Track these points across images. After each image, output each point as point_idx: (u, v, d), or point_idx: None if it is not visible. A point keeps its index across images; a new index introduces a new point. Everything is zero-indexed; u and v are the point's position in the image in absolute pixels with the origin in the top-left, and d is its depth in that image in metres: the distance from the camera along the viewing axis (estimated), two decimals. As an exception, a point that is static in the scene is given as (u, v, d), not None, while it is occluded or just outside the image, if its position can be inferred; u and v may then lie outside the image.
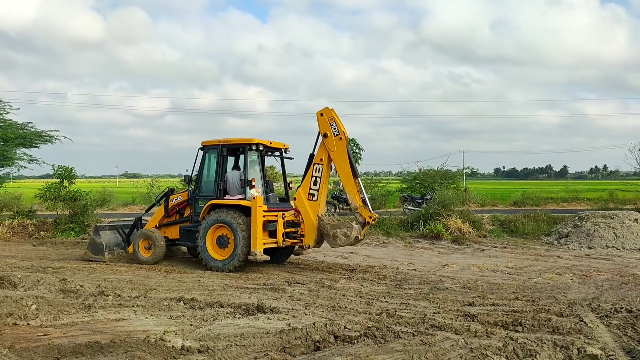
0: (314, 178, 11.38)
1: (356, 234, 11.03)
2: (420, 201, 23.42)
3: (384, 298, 8.95)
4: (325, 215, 11.56)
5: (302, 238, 11.44)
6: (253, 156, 12.02)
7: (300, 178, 11.97)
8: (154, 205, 13.60)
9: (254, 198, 11.01)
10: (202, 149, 12.22)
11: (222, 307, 7.82)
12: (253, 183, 11.52)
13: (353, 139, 39.67)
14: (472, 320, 7.26)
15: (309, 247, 11.38)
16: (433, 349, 5.88)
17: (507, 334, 6.55)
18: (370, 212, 11.13)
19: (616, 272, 11.75)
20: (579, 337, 6.49)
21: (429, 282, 10.75)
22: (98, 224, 13.42)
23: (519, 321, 7.15)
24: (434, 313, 7.73)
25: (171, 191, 12.92)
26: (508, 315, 7.64)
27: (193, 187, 12.22)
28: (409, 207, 23.44)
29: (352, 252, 15.43)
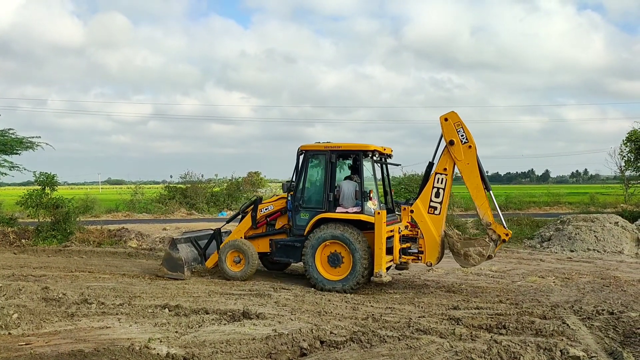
0: (435, 189, 10.12)
1: (490, 253, 9.94)
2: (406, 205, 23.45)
3: (370, 302, 8.98)
4: (452, 230, 10.52)
5: (420, 255, 10.15)
6: (367, 164, 10.74)
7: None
8: (237, 215, 12.26)
9: (378, 213, 9.87)
10: (302, 153, 10.87)
11: (207, 313, 7.78)
12: (371, 195, 10.53)
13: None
14: (457, 324, 7.32)
15: (430, 265, 10.16)
16: (418, 352, 5.92)
17: (491, 336, 6.61)
18: (505, 227, 10.01)
19: (597, 274, 11.92)
20: (562, 339, 6.58)
21: (414, 286, 10.81)
22: (175, 237, 11.92)
23: (503, 324, 7.23)
24: (419, 317, 7.77)
25: (259, 200, 11.63)
26: (492, 318, 7.71)
27: (291, 197, 10.86)
28: (395, 213, 23.48)
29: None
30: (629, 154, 23.61)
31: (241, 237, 11.34)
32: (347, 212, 10.25)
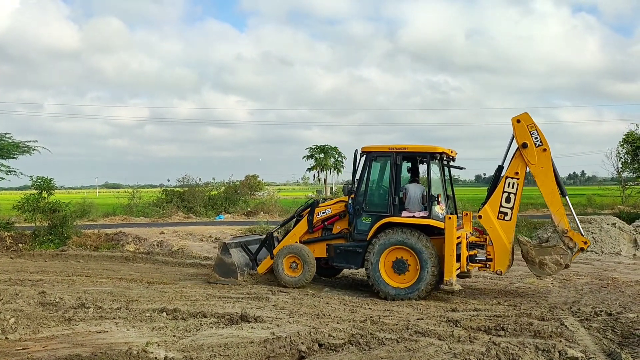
0: (505, 194, 9.72)
1: (567, 262, 9.60)
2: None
3: (368, 305, 8.97)
4: (526, 238, 10.16)
5: (488, 262, 9.82)
6: (434, 167, 10.37)
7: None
8: (292, 218, 11.74)
9: (449, 218, 9.55)
10: (363, 155, 10.44)
11: (205, 317, 7.75)
12: (439, 199, 10.13)
13: (335, 147, 39.90)
14: (455, 326, 7.31)
15: (500, 273, 9.76)
16: (417, 355, 5.90)
17: (489, 338, 6.60)
18: (583, 235, 9.68)
19: (595, 275, 11.93)
20: (560, 341, 6.58)
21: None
22: (226, 241, 11.52)
23: (502, 326, 7.22)
24: (417, 319, 7.76)
25: (316, 203, 11.12)
26: (490, 320, 7.71)
27: (352, 200, 10.36)
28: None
29: (335, 260, 15.43)
30: (625, 156, 23.70)
31: (296, 242, 10.86)
32: (413, 217, 9.85)
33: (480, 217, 9.85)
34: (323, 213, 10.81)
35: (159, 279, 11.70)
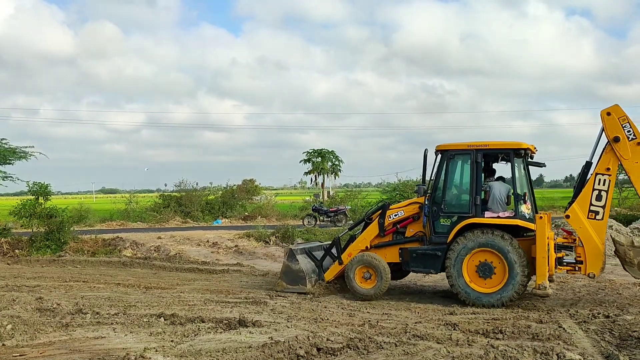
0: (596, 192, 9.12)
1: None
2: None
3: (366, 309, 8.97)
4: (623, 236, 9.47)
5: (578, 265, 9.25)
6: (518, 164, 9.80)
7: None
8: (361, 222, 11.17)
9: (540, 217, 9.03)
10: (439, 154, 9.96)
11: (203, 322, 7.73)
12: (525, 198, 9.64)
13: (332, 151, 39.91)
14: (454, 329, 7.31)
15: (593, 276, 9.17)
16: (415, 358, 5.90)
17: (488, 341, 6.60)
18: None
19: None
20: (559, 343, 6.58)
21: (410, 291, 10.79)
22: (292, 247, 11.01)
23: (500, 329, 7.22)
24: (415, 322, 7.76)
25: (387, 206, 10.56)
26: (489, 323, 7.72)
27: (428, 201, 9.86)
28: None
29: (333, 264, 15.43)
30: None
31: (366, 246, 10.35)
32: (498, 217, 9.33)
33: (568, 216, 9.24)
34: (395, 215, 10.26)
35: (157, 284, 11.67)
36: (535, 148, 10.05)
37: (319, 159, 38.96)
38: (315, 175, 39.81)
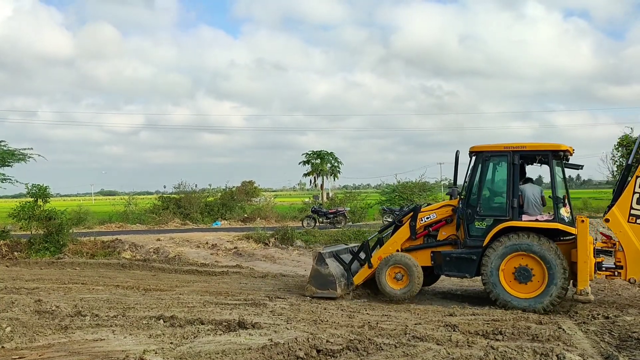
0: (637, 195, 8.80)
1: None
2: (399, 213, 23.54)
3: (366, 310, 8.96)
4: None
5: (618, 270, 8.96)
6: (557, 166, 9.53)
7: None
8: (391, 224, 10.90)
9: (582, 221, 8.73)
10: (474, 155, 9.74)
11: (202, 324, 7.72)
12: (565, 201, 9.45)
13: (332, 152, 39.91)
14: (453, 330, 7.31)
15: (634, 281, 8.87)
16: (415, 360, 5.89)
17: (487, 342, 6.59)
18: None
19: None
20: (558, 344, 6.58)
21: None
22: (321, 251, 10.70)
23: (499, 330, 7.22)
24: (415, 324, 7.75)
25: (419, 208, 10.35)
26: (488, 324, 7.71)
27: (462, 203, 9.70)
28: (389, 220, 23.55)
29: (332, 266, 15.43)
30: (620, 159, 23.76)
31: (397, 250, 10.13)
32: (536, 220, 9.16)
33: (607, 220, 8.97)
34: (427, 218, 10.09)
35: (156, 286, 11.66)
36: (573, 150, 9.82)
37: (318, 161, 38.97)
38: (315, 177, 39.80)
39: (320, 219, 24.84)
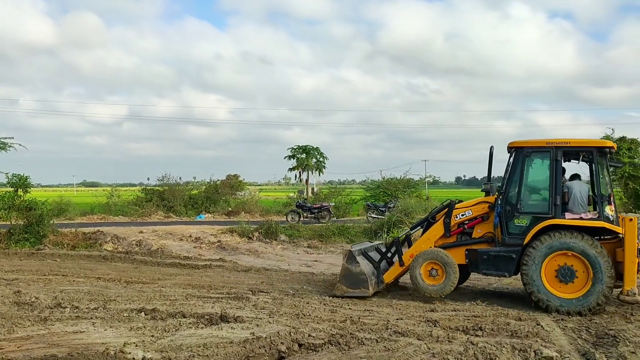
0: None
1: None
2: (383, 209, 23.68)
3: (348, 305, 8.99)
4: None
5: None
6: (601, 163, 9.24)
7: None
8: (424, 221, 10.58)
9: (630, 220, 8.52)
10: (513, 151, 9.47)
11: (184, 317, 7.69)
12: (611, 199, 9.16)
13: (317, 147, 39.87)
14: (434, 326, 7.38)
15: None
16: (396, 354, 5.94)
17: (467, 338, 6.68)
18: None
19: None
20: (537, 340, 6.68)
21: (392, 288, 10.84)
22: (352, 249, 10.19)
23: (480, 326, 7.31)
24: (397, 319, 7.81)
25: (453, 205, 9.98)
26: (469, 320, 7.80)
27: (500, 200, 9.38)
28: (373, 215, 23.66)
29: (316, 261, 15.46)
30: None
31: (430, 247, 9.86)
32: (580, 219, 8.86)
33: None
34: (462, 215, 9.80)
35: (138, 278, 11.58)
36: (616, 146, 9.51)
37: (304, 156, 38.91)
38: (300, 172, 39.74)
39: (305, 214, 24.84)
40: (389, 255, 10.39)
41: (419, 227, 10.68)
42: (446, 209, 9.95)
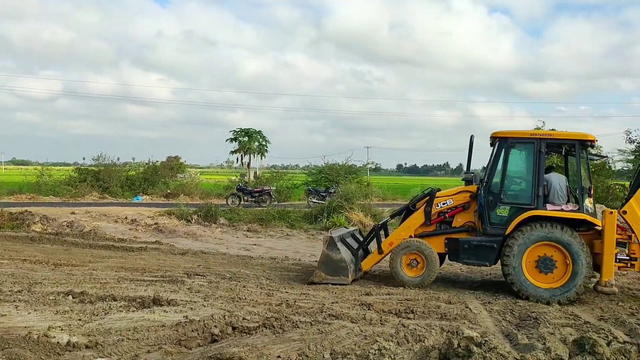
0: None
1: None
2: (324, 194, 23.85)
3: (285, 289, 9.02)
4: None
5: (632, 262, 8.85)
6: (583, 155, 9.25)
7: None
8: (405, 209, 10.44)
9: (610, 212, 8.66)
10: (497, 141, 9.46)
11: (115, 300, 7.47)
12: (591, 192, 9.26)
13: (260, 131, 39.56)
14: (368, 309, 7.53)
15: None
16: (329, 337, 6.02)
17: (399, 321, 6.86)
18: None
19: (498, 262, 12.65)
20: (464, 322, 6.97)
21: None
22: (333, 235, 9.93)
23: (411, 309, 7.53)
24: (332, 303, 7.91)
25: (434, 193, 9.90)
26: (401, 303, 8.01)
27: (483, 190, 9.34)
28: (314, 200, 23.78)
29: (255, 244, 15.40)
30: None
31: (410, 235, 9.79)
32: (562, 210, 8.95)
33: (625, 212, 8.82)
34: (443, 204, 9.76)
35: (67, 260, 11.12)
36: (596, 140, 9.70)
37: (246, 139, 38.47)
38: (242, 155, 39.31)
39: (246, 198, 24.64)
40: (366, 243, 10.39)
41: (399, 214, 10.62)
42: (427, 198, 9.91)
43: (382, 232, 10.47)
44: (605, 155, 9.47)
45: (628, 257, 8.88)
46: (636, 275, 10.37)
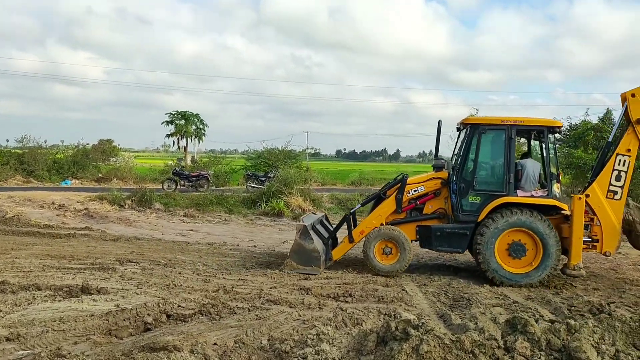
0: (616, 172, 9.06)
1: None
2: (263, 179, 23.64)
3: (222, 275, 8.85)
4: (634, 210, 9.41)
5: (593, 243, 9.07)
6: (551, 141, 9.41)
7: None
8: (375, 197, 10.31)
9: (579, 198, 8.79)
10: (467, 127, 9.45)
11: (39, 289, 7.06)
12: (559, 177, 9.38)
13: (197, 114, 38.58)
14: (307, 294, 7.51)
15: (609, 254, 9.11)
16: (267, 322, 5.95)
17: (337, 305, 6.89)
18: None
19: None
20: (401, 305, 7.09)
21: (267, 258, 10.88)
22: (306, 224, 9.59)
23: (349, 292, 7.58)
24: (270, 288, 7.83)
25: (405, 180, 9.74)
26: (340, 287, 8.05)
27: (455, 177, 9.32)
28: (252, 185, 23.52)
29: (192, 230, 15.06)
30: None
31: (381, 223, 9.66)
32: (532, 196, 9.08)
33: (587, 195, 9.08)
34: (415, 191, 9.67)
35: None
36: (562, 125, 9.97)
37: (183, 122, 37.37)
38: (178, 138, 38.22)
39: (182, 182, 24.00)
40: (335, 232, 10.28)
41: (370, 202, 10.52)
42: (399, 185, 9.82)
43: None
44: (562, 140, 9.96)
45: (590, 239, 9.13)
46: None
